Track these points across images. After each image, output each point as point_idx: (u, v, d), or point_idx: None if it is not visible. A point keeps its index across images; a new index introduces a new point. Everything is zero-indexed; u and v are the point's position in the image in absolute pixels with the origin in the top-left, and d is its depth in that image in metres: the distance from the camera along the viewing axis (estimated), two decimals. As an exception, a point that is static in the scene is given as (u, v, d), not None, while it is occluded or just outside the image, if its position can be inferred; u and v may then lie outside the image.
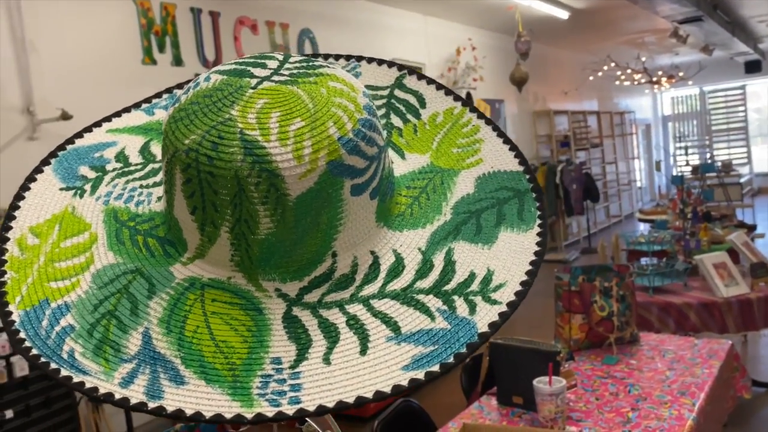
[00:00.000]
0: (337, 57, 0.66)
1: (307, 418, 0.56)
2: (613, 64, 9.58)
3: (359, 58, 0.66)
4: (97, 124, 0.62)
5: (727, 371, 2.40)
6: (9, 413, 2.98)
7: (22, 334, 0.46)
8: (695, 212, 5.08)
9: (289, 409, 0.42)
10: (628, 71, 9.93)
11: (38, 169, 0.57)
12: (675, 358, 2.38)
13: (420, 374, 0.44)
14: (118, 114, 0.63)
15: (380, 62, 0.66)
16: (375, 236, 0.52)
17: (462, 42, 7.31)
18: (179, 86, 0.65)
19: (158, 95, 0.65)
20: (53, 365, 0.44)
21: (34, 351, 0.45)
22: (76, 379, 0.43)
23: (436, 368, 0.44)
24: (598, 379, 2.25)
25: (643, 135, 14.48)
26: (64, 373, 0.44)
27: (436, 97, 0.64)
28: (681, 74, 10.47)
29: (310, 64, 0.52)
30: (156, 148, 0.60)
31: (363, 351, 0.46)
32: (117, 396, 0.43)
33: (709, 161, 5.89)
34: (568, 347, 2.56)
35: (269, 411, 0.42)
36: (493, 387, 2.17)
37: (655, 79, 10.47)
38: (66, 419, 3.25)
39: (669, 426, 1.85)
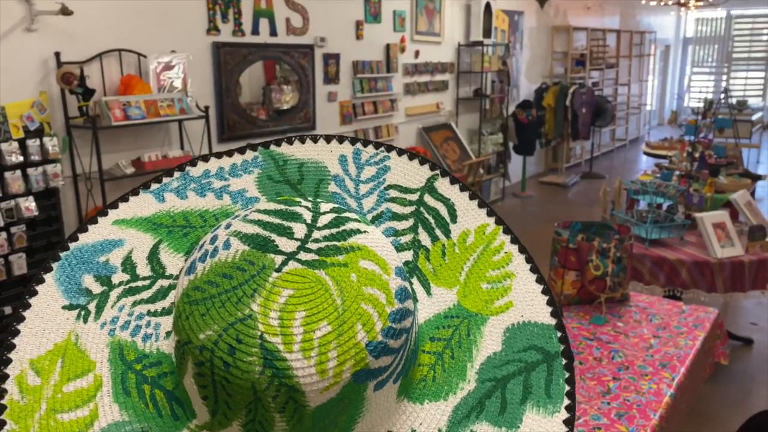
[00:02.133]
0: (366, 143, 0.60)
1: None
2: (642, -18, 9.08)
3: (389, 148, 0.60)
4: (103, 212, 0.56)
5: (710, 341, 2.46)
6: (8, 309, 3.05)
7: None
8: (702, 156, 5.02)
9: None
10: (657, -10, 9.44)
11: (39, 279, 0.53)
12: (661, 324, 2.43)
13: None
14: (125, 198, 0.57)
15: (411, 156, 0.60)
16: (394, 414, 0.49)
17: (487, -53, 6.87)
18: (191, 163, 0.59)
19: (169, 173, 0.59)
20: None
21: None
22: None
23: None
24: (584, 341, 2.30)
25: (661, 56, 14.02)
26: None
27: (468, 210, 0.58)
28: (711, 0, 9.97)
29: (342, 229, 0.47)
30: (165, 257, 0.55)
31: None
32: None
33: (723, 97, 5.72)
34: (558, 302, 2.60)
35: None
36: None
37: (683, 0, 9.97)
38: (63, 316, 3.34)
39: (647, 401, 1.92)
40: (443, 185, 0.59)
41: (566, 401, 0.51)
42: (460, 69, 6.91)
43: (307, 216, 0.48)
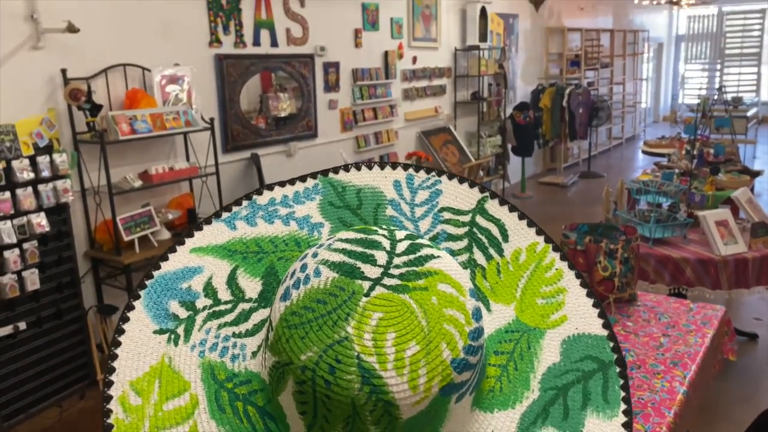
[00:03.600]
0: (417, 168, 0.64)
1: None
2: (634, -18, 9.16)
3: (440, 173, 0.64)
4: (180, 241, 0.61)
5: (718, 338, 2.50)
6: (22, 325, 3.08)
7: None
8: (701, 153, 5.07)
9: None
10: (649, -10, 9.52)
11: (130, 306, 0.57)
12: (670, 323, 2.47)
13: None
14: (199, 227, 0.62)
15: (461, 180, 0.64)
16: (468, 422, 0.53)
17: (481, -48, 6.93)
18: (258, 192, 0.63)
19: (238, 203, 0.63)
20: None
21: None
22: None
23: None
24: (595, 341, 2.34)
25: (655, 54, 14.12)
26: None
27: (519, 229, 0.63)
28: (703, -3, 10.06)
29: (418, 255, 0.51)
30: (243, 281, 0.59)
31: None
32: None
33: (716, 94, 5.84)
34: (568, 303, 2.64)
35: None
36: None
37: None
38: (75, 330, 3.37)
39: (661, 399, 1.96)
40: (493, 206, 0.63)
41: (623, 406, 0.55)
42: (457, 73, 6.96)
43: (386, 244, 0.52)
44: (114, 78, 3.62)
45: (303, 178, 0.64)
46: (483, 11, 6.93)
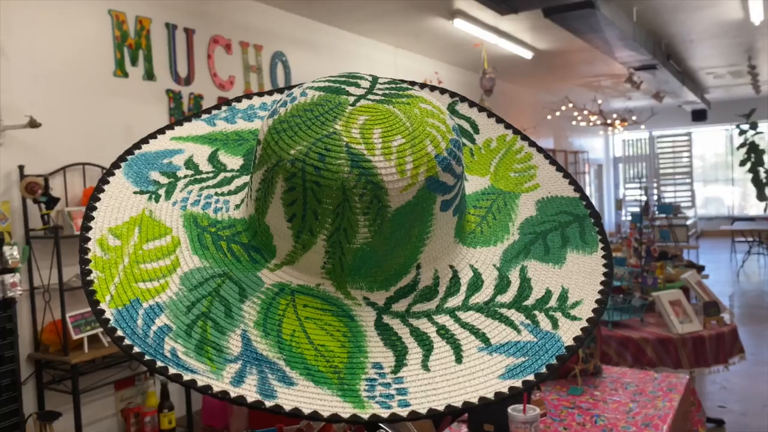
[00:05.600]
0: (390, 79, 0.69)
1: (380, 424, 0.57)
2: (570, 105, 9.92)
3: (412, 83, 0.69)
4: (161, 131, 0.63)
5: (686, 405, 2.49)
6: (-47, 430, 2.83)
7: (119, 332, 0.46)
8: (648, 251, 5.27)
9: (402, 411, 0.44)
10: (585, 112, 10.30)
11: (110, 172, 0.57)
12: (637, 390, 2.46)
13: (517, 383, 0.47)
14: (179, 123, 0.64)
15: (432, 88, 0.69)
16: (453, 251, 0.55)
17: (429, 75, 7.46)
18: (237, 99, 0.66)
19: (217, 107, 0.66)
20: (159, 363, 0.44)
21: (137, 348, 0.45)
22: (186, 377, 0.44)
23: (531, 377, 0.48)
24: (565, 409, 2.30)
25: (595, 174, 14.97)
26: (172, 371, 0.44)
27: (488, 124, 0.67)
28: (634, 118, 10.92)
29: (399, 86, 0.55)
30: (225, 158, 0.61)
31: (458, 359, 0.48)
32: (233, 394, 0.43)
33: (656, 204, 6.21)
34: (535, 377, 2.61)
35: (382, 412, 0.44)
36: (464, 414, 2.19)
37: (609, 121, 10.88)
38: (12, 438, 3.11)
39: (636, 456, 1.90)
40: (463, 108, 0.68)
41: (601, 245, 0.57)
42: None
43: (368, 77, 0.55)
44: (72, 176, 3.62)
45: (281, 90, 0.67)
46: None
